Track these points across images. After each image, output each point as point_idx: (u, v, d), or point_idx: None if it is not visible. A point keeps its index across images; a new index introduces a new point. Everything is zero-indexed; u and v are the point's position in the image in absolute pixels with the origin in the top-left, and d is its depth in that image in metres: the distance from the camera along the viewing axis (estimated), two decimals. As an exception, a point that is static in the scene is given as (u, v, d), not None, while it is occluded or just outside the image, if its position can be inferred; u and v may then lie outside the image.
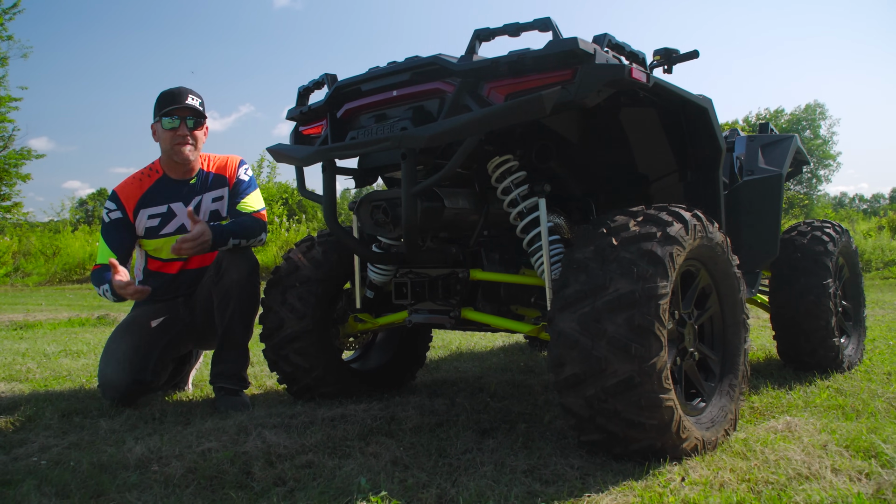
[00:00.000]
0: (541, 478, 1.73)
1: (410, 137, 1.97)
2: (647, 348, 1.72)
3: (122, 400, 2.67)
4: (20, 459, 1.96)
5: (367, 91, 2.23)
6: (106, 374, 2.66)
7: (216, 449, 1.95)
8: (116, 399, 2.67)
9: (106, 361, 2.68)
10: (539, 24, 1.94)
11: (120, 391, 2.65)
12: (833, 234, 3.21)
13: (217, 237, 2.62)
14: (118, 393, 2.65)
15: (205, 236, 2.57)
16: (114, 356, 2.67)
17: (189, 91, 2.80)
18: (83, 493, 1.67)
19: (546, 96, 1.81)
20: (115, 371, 2.64)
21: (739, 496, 1.54)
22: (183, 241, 2.55)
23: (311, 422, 2.26)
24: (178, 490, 1.68)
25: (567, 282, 1.87)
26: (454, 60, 2.01)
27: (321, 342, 2.63)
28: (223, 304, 2.68)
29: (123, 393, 2.65)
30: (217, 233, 2.63)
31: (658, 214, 1.92)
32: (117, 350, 2.69)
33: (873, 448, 1.88)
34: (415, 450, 1.99)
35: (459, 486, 1.67)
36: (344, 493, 1.62)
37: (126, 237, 2.83)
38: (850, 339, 3.38)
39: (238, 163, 2.97)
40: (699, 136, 2.32)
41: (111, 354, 2.69)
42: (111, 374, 2.64)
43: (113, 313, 7.22)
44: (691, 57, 2.72)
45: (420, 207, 2.08)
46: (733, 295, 2.17)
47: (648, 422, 1.75)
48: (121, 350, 2.68)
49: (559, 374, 1.84)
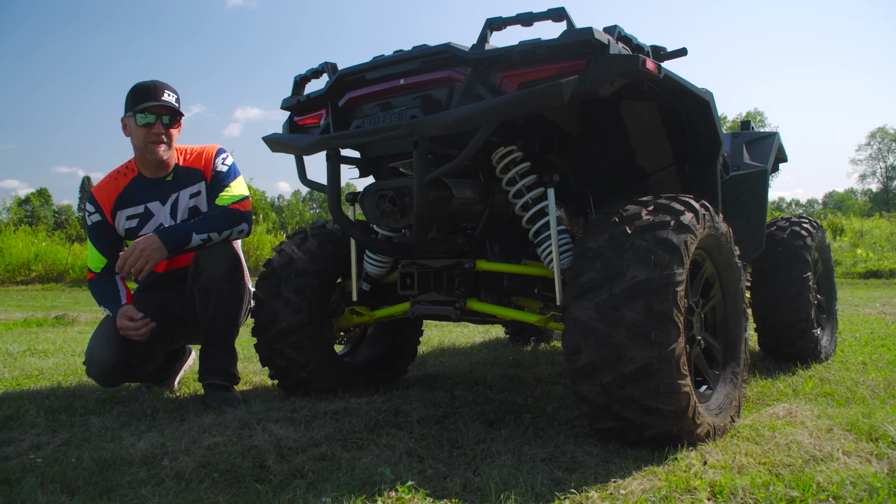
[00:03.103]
0: (561, 465, 1.73)
1: (424, 125, 1.95)
2: (665, 334, 1.74)
3: (105, 379, 2.60)
4: (12, 458, 1.86)
5: (372, 80, 2.20)
6: (94, 351, 2.57)
7: (223, 443, 1.89)
8: (100, 378, 2.60)
9: (95, 339, 2.60)
10: (553, 13, 1.93)
11: (105, 370, 2.56)
12: (811, 229, 3.32)
13: (174, 239, 2.52)
14: (103, 371, 2.57)
15: (146, 252, 2.46)
16: (104, 335, 2.60)
17: (165, 86, 2.66)
18: (91, 489, 1.60)
19: (565, 84, 1.81)
20: (104, 350, 2.55)
21: (763, 478, 1.57)
22: (123, 260, 2.47)
23: (314, 415, 2.21)
24: (193, 485, 1.62)
25: (582, 270, 1.88)
26: (466, 49, 1.99)
27: (317, 336, 2.58)
28: (204, 302, 2.60)
29: (108, 372, 2.57)
30: (173, 235, 2.52)
31: (670, 204, 1.94)
32: (108, 329, 2.60)
33: (874, 431, 1.94)
34: (426, 441, 1.96)
35: (482, 475, 1.65)
36: (368, 484, 1.59)
37: (112, 239, 2.75)
38: (825, 331, 3.49)
39: (215, 153, 2.81)
40: (700, 129, 2.36)
41: (101, 333, 2.61)
42: (99, 352, 2.56)
43: (71, 313, 6.96)
44: (679, 55, 2.77)
45: (429, 196, 2.05)
46: (735, 284, 2.21)
47: (666, 408, 1.77)
48: (111, 330, 2.59)
49: (575, 361, 1.84)
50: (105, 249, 2.72)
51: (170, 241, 2.52)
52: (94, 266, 2.73)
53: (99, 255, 2.71)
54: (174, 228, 2.57)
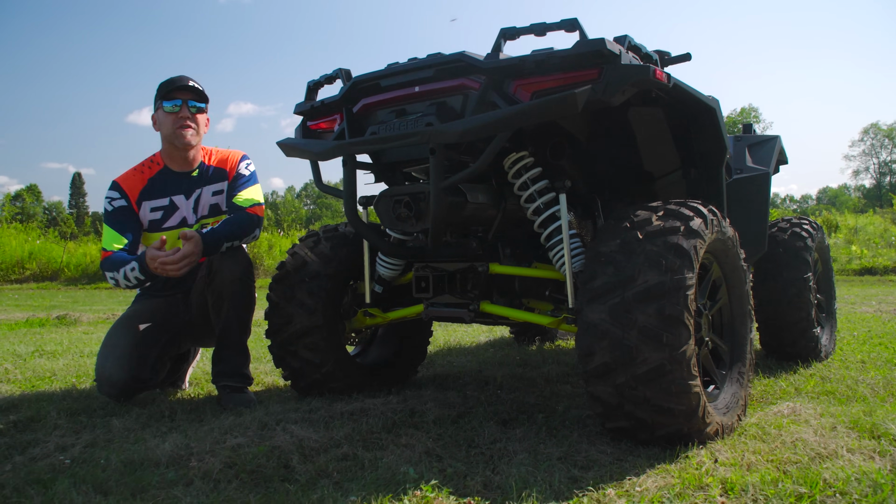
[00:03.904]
0: (577, 463, 1.79)
1: (442, 132, 2.00)
2: (677, 337, 1.80)
3: (119, 396, 2.63)
4: (40, 459, 1.91)
5: (387, 87, 2.25)
6: (105, 369, 2.60)
7: (246, 444, 1.94)
8: (114, 395, 2.62)
9: (105, 356, 2.63)
10: (566, 24, 1.99)
11: (118, 388, 2.59)
12: (811, 230, 3.39)
13: (211, 247, 2.57)
14: (116, 389, 2.60)
15: (192, 256, 2.48)
16: (113, 352, 2.62)
17: (188, 77, 2.77)
18: (123, 489, 1.65)
19: (579, 94, 1.86)
20: (115, 367, 2.58)
21: (772, 475, 1.63)
22: (164, 264, 2.44)
23: (331, 416, 2.27)
24: (222, 485, 1.67)
25: (594, 274, 1.93)
26: (481, 58, 2.04)
27: (331, 337, 2.63)
28: (217, 306, 2.65)
29: (121, 389, 2.60)
30: (211, 242, 2.57)
31: (679, 209, 2.00)
32: (117, 346, 2.63)
33: (876, 429, 2.01)
34: (444, 441, 2.02)
35: (501, 474, 1.71)
36: (393, 483, 1.65)
37: (135, 222, 2.76)
38: (825, 330, 3.56)
39: (240, 158, 2.94)
40: (706, 135, 2.42)
41: (110, 350, 2.63)
42: (110, 370, 2.59)
43: (73, 313, 6.99)
44: (684, 59, 2.84)
45: (446, 202, 2.11)
46: (741, 287, 2.28)
47: (677, 407, 1.83)
48: (120, 346, 2.63)
49: (588, 363, 1.90)
50: (125, 231, 2.71)
51: (209, 246, 2.56)
52: (110, 246, 2.68)
53: (118, 236, 2.69)
54: (213, 236, 2.59)
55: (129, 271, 2.56)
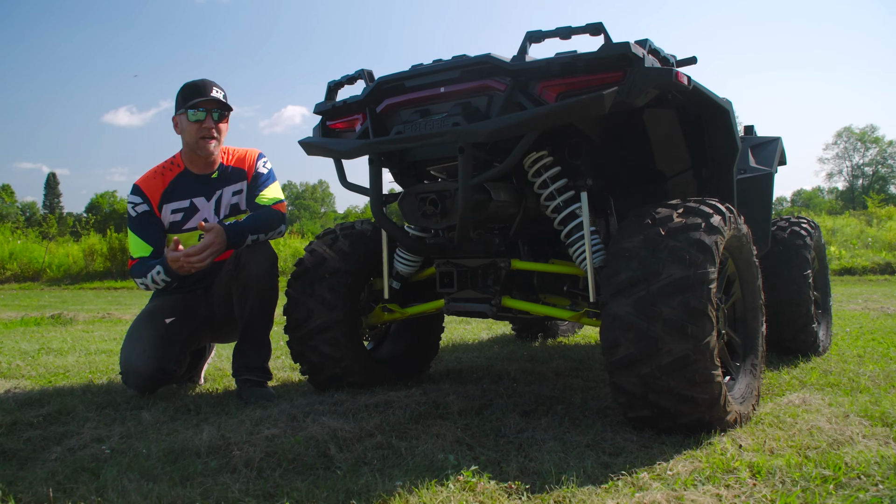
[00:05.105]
0: (605, 450, 1.86)
1: (470, 132, 2.06)
2: (701, 328, 1.88)
3: (145, 388, 2.67)
4: (79, 450, 1.95)
5: (412, 87, 2.31)
6: (130, 360, 2.64)
7: (281, 434, 1.99)
8: (140, 387, 2.66)
9: (130, 349, 2.66)
10: (591, 28, 2.06)
11: (145, 379, 2.63)
12: (809, 229, 3.49)
13: (234, 238, 2.61)
14: (142, 380, 2.64)
15: (214, 246, 2.51)
16: (139, 344, 2.66)
17: (213, 83, 2.79)
18: (169, 477, 1.69)
19: (607, 96, 1.93)
20: (141, 358, 2.62)
21: (795, 460, 1.72)
22: (188, 256, 2.46)
23: (357, 408, 2.32)
24: (266, 472, 1.72)
25: (618, 269, 2.01)
26: (507, 60, 2.11)
27: (350, 333, 2.67)
28: (242, 299, 2.70)
29: (148, 380, 2.64)
30: (234, 233, 2.61)
31: (699, 206, 2.08)
32: (142, 338, 2.67)
33: (886, 417, 2.11)
34: (472, 430, 2.08)
35: (535, 460, 1.77)
36: (433, 469, 1.70)
37: (158, 228, 2.81)
38: (821, 326, 3.68)
39: (257, 156, 2.98)
40: (719, 135, 2.50)
41: (136, 342, 2.67)
42: (136, 362, 2.62)
43: (66, 312, 6.95)
44: (690, 62, 2.92)
45: (472, 199, 2.17)
46: (753, 282, 2.36)
47: (700, 396, 1.90)
48: (145, 339, 2.66)
49: (613, 354, 1.97)
50: (150, 238, 2.77)
51: (233, 238, 2.59)
52: (137, 254, 2.76)
53: (144, 244, 2.76)
54: (234, 228, 2.62)
55: (155, 275, 2.65)
